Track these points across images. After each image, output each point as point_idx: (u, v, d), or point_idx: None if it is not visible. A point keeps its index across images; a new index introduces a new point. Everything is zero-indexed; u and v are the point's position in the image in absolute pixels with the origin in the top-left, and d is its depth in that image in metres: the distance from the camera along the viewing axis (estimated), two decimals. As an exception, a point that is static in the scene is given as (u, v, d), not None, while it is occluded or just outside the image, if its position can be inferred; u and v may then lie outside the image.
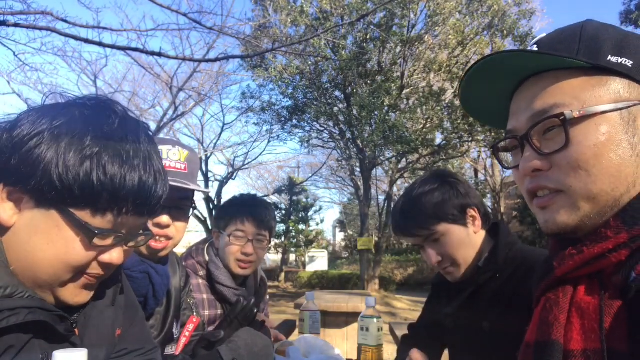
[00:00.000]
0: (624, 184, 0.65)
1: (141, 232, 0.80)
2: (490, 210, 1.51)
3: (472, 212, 1.36)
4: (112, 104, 0.76)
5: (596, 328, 0.61)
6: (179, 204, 1.26)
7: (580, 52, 0.69)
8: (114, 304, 0.87)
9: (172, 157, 1.24)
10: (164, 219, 1.23)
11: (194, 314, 1.54)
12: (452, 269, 1.36)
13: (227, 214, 1.84)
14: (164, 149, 1.24)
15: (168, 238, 1.25)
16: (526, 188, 0.73)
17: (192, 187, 1.28)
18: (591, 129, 0.66)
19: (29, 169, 0.67)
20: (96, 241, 0.71)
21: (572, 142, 0.67)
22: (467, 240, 1.34)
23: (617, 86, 0.68)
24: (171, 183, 1.21)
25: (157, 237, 1.23)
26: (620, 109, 0.66)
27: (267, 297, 2.02)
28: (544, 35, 0.77)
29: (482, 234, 1.38)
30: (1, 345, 0.65)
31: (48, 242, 0.70)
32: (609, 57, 0.68)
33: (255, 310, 1.47)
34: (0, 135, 0.70)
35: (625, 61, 0.68)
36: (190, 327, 1.47)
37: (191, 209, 1.32)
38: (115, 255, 0.75)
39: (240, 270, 1.80)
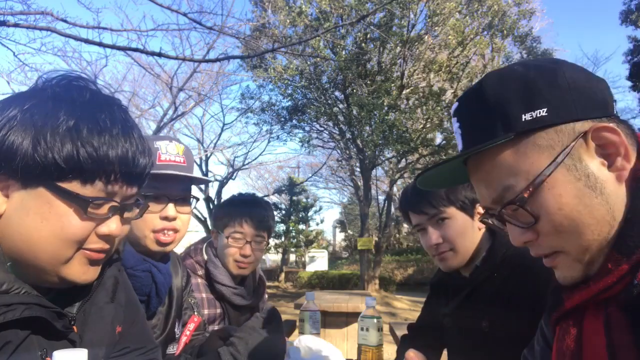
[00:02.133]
0: (606, 224, 0.65)
1: (136, 201, 0.80)
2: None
3: (480, 208, 1.38)
4: (82, 80, 0.76)
5: (603, 353, 0.63)
6: (182, 196, 1.28)
7: (496, 124, 0.69)
8: (114, 301, 0.86)
9: (170, 151, 1.26)
10: (171, 211, 1.24)
11: (195, 313, 1.54)
12: (450, 255, 1.36)
13: (225, 214, 1.84)
14: (162, 144, 1.25)
15: (175, 231, 1.27)
16: (533, 254, 0.74)
17: (195, 175, 1.32)
18: (547, 196, 0.66)
19: (7, 154, 0.67)
20: (91, 210, 0.71)
21: (540, 215, 0.67)
22: (470, 231, 1.36)
23: (546, 141, 0.67)
24: (175, 173, 1.23)
25: (165, 231, 1.24)
26: (561, 162, 0.66)
27: (266, 296, 2.02)
28: (457, 107, 0.77)
29: (482, 233, 1.39)
30: None
31: (42, 220, 0.69)
32: (523, 117, 0.67)
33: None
34: None
35: (540, 112, 0.66)
36: (192, 326, 1.47)
37: (194, 201, 1.34)
38: (113, 227, 0.75)
39: (239, 271, 1.80)
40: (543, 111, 0.66)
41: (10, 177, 0.69)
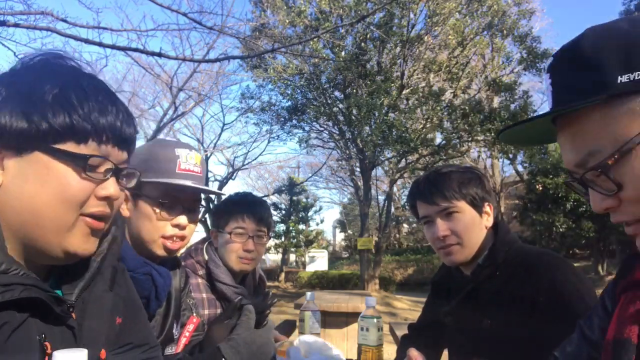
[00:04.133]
0: None
1: (129, 170, 0.80)
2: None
3: (488, 207, 1.40)
4: (61, 58, 0.77)
5: None
6: (194, 206, 1.30)
7: (589, 83, 0.65)
8: (112, 289, 0.86)
9: (190, 160, 1.27)
10: (183, 219, 1.25)
11: (194, 314, 1.55)
12: (456, 249, 1.37)
13: (225, 212, 1.85)
14: (182, 152, 1.26)
15: (183, 238, 1.28)
16: (613, 220, 0.71)
17: (213, 190, 1.37)
18: (635, 163, 0.62)
19: None
20: (89, 172, 0.72)
21: (623, 184, 0.64)
22: (477, 228, 1.37)
23: None
24: (194, 186, 1.24)
25: (174, 238, 1.25)
26: None
27: (275, 300, 2.03)
28: (551, 63, 0.73)
29: (487, 232, 1.40)
30: None
31: (42, 184, 0.69)
32: (619, 79, 0.62)
33: (267, 312, 1.48)
34: None
35: (638, 75, 0.61)
36: (190, 327, 1.48)
37: (202, 210, 1.35)
38: (111, 189, 0.75)
39: (243, 267, 1.81)
40: None
41: (3, 148, 0.69)
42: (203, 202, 1.36)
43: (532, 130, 0.76)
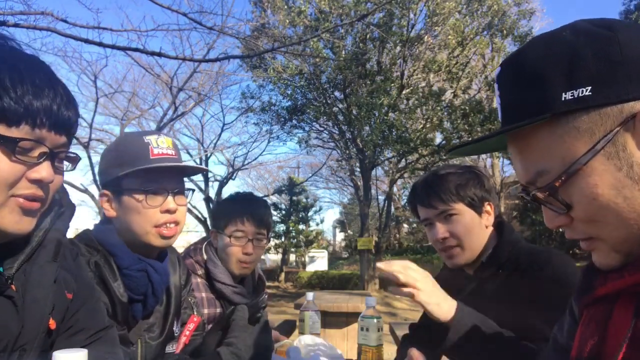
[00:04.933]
0: None
1: (68, 153, 0.80)
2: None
3: (488, 207, 1.39)
4: (2, 36, 0.77)
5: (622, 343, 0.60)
6: (179, 188, 1.28)
7: (533, 101, 0.62)
8: (56, 260, 0.86)
9: (162, 145, 1.26)
10: (171, 203, 1.24)
11: (195, 312, 1.54)
12: (457, 251, 1.37)
13: (225, 214, 1.84)
14: (152, 138, 1.25)
15: (176, 223, 1.27)
16: (567, 237, 0.70)
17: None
18: (582, 185, 0.60)
19: None
20: (19, 154, 0.71)
21: (572, 204, 0.62)
22: (478, 229, 1.37)
23: (587, 124, 0.59)
24: (172, 164, 1.23)
25: (167, 224, 1.24)
26: (600, 149, 0.58)
27: (266, 295, 2.02)
28: (499, 73, 0.70)
29: (490, 231, 1.40)
30: None
31: None
32: (563, 96, 0.59)
33: (259, 314, 1.48)
34: None
35: (582, 92, 0.58)
36: (191, 326, 1.47)
37: (191, 192, 1.34)
38: (44, 172, 0.75)
39: (242, 271, 1.80)
40: (586, 90, 0.58)
41: None
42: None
43: (484, 144, 0.74)
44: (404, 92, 14.34)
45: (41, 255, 0.84)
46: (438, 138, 15.13)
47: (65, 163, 0.81)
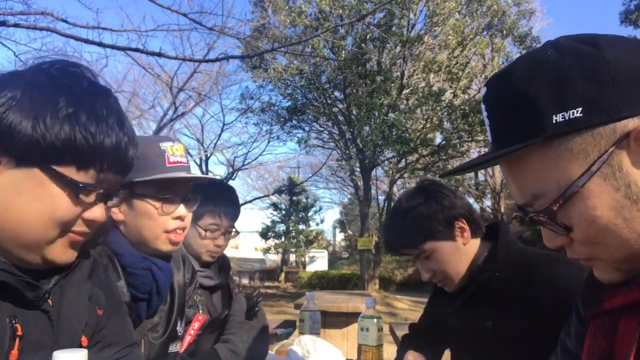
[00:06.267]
0: None
1: (117, 190, 0.82)
2: (481, 215, 1.51)
3: (459, 223, 1.34)
4: (78, 67, 0.78)
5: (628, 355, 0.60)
6: (189, 195, 1.30)
7: (523, 124, 0.61)
8: (90, 278, 0.88)
9: (177, 153, 1.27)
10: (183, 211, 1.25)
11: (200, 311, 1.55)
12: (446, 282, 1.37)
13: (202, 206, 1.87)
14: (167, 145, 1.26)
15: (184, 229, 1.28)
16: (568, 256, 0.69)
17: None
18: (580, 207, 0.59)
19: (5, 132, 0.68)
20: (81, 197, 0.73)
21: (572, 226, 0.61)
22: (457, 253, 1.34)
23: (580, 146, 0.58)
24: (189, 176, 1.24)
25: (177, 230, 1.25)
26: (596, 171, 0.57)
27: (232, 276, 2.10)
28: (485, 94, 0.69)
29: (474, 242, 1.36)
30: None
31: (34, 200, 0.70)
32: (554, 118, 0.58)
33: (257, 309, 1.48)
34: None
35: (573, 113, 0.57)
36: (196, 325, 1.47)
37: (197, 201, 1.35)
38: (98, 213, 0.77)
39: (209, 259, 1.84)
40: (577, 111, 0.57)
41: (5, 154, 0.70)
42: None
43: (477, 163, 0.73)
44: (404, 92, 14.34)
45: (77, 272, 0.85)
46: (438, 138, 15.14)
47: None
